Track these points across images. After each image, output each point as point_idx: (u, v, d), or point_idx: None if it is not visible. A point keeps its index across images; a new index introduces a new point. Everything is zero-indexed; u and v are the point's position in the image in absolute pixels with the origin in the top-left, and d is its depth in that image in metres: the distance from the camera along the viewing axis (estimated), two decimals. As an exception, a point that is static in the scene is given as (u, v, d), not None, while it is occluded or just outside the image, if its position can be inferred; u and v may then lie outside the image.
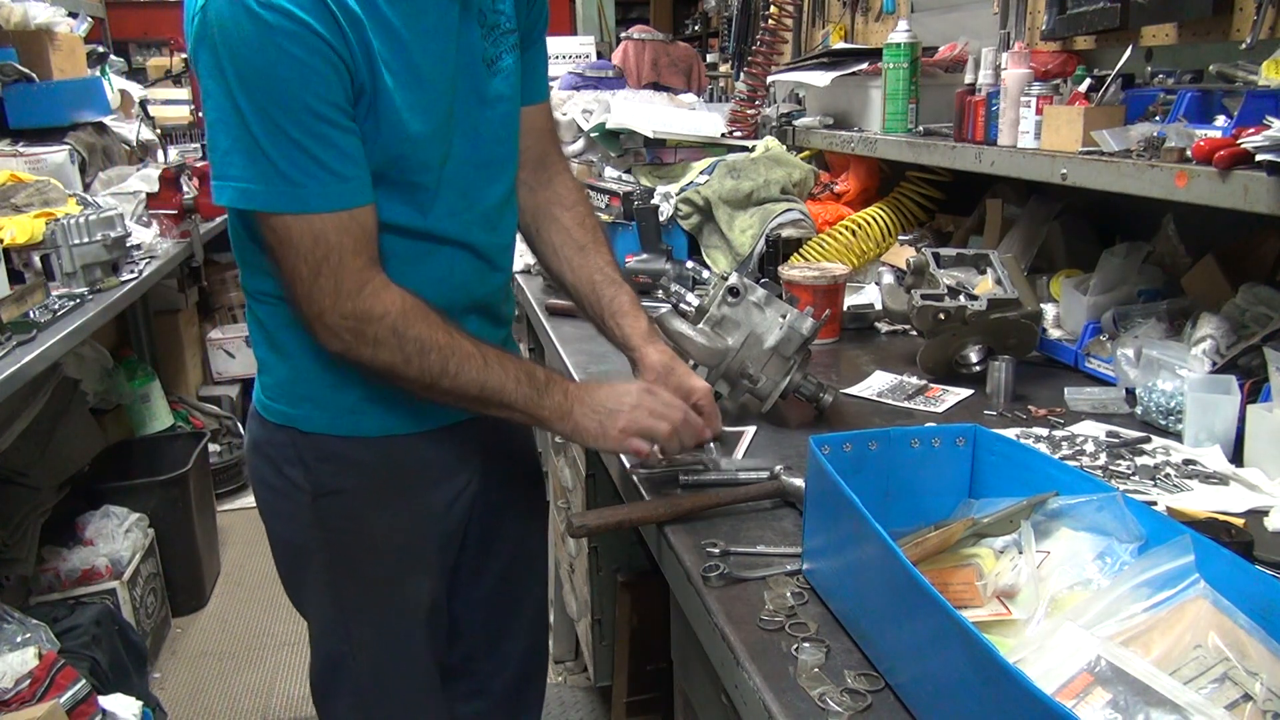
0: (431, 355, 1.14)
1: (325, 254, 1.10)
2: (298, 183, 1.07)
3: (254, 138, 1.06)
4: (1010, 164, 1.67)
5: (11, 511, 2.51)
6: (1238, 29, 1.50)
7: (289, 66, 1.04)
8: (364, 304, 1.12)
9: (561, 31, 5.82)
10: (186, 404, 3.93)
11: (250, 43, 1.02)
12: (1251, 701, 0.70)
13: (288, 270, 1.12)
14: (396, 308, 1.13)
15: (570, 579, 2.34)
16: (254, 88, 1.04)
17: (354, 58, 1.08)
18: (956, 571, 0.92)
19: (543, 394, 1.20)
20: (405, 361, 1.14)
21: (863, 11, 2.82)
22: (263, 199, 1.09)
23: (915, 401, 1.56)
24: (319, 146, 1.07)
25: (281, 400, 1.28)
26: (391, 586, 1.33)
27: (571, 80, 3.11)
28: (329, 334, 1.14)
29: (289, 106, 1.05)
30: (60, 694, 1.89)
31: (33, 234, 2.41)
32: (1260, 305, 1.40)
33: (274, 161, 1.06)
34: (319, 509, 1.28)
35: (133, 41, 5.69)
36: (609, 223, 2.37)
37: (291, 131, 1.06)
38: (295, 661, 2.85)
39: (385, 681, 1.35)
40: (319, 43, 1.05)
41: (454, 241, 1.25)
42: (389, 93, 1.12)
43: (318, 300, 1.12)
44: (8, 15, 3.22)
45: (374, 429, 1.27)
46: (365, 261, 1.13)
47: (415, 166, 1.18)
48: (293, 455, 1.27)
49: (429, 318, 1.15)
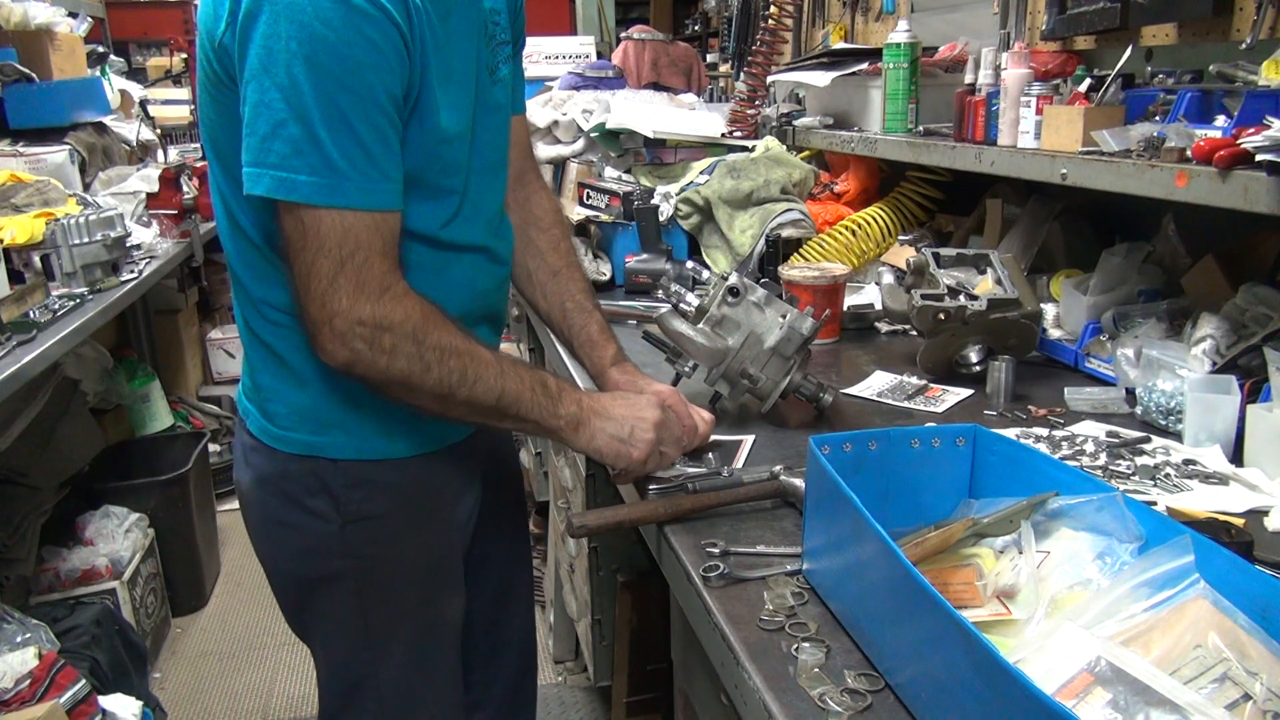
0: (451, 362, 1.10)
1: (352, 251, 1.04)
2: (346, 175, 1.02)
3: (309, 122, 1.00)
4: (1010, 164, 1.67)
5: (11, 511, 2.51)
6: (1238, 29, 1.50)
7: (365, 51, 0.99)
8: (384, 308, 1.06)
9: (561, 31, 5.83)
10: (186, 404, 3.93)
11: (328, 20, 0.97)
12: (1251, 701, 0.70)
13: (304, 266, 1.05)
14: (418, 314, 1.08)
15: (570, 579, 2.34)
16: (323, 68, 0.98)
17: (413, 53, 1.05)
18: (956, 571, 0.92)
19: (557, 404, 1.18)
20: (425, 370, 1.09)
21: (863, 11, 2.82)
22: (305, 190, 1.02)
23: (915, 401, 1.56)
24: (375, 140, 1.03)
25: (301, 429, 1.20)
26: (423, 605, 1.30)
27: (571, 80, 3.11)
28: (338, 341, 1.06)
29: (358, 93, 1.00)
30: (60, 694, 1.89)
31: (33, 234, 2.41)
32: (1260, 305, 1.40)
33: (327, 150, 1.01)
34: (347, 537, 1.22)
35: (133, 41, 5.69)
36: (609, 223, 2.37)
37: (354, 120, 1.01)
38: (295, 661, 2.85)
39: (415, 702, 1.32)
40: (394, 31, 1.01)
41: (473, 248, 1.23)
42: (432, 89, 1.09)
43: (333, 302, 1.04)
44: (8, 15, 3.22)
45: (405, 450, 1.23)
46: (390, 265, 1.08)
47: (447, 169, 1.16)
48: (316, 486, 1.20)
49: (447, 325, 1.11)
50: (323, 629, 1.31)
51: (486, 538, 1.42)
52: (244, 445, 1.27)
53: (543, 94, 3.07)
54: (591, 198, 2.43)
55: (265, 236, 1.13)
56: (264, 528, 1.28)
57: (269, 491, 1.24)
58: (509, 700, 1.57)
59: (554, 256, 1.44)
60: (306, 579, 1.27)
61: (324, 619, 1.29)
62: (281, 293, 1.14)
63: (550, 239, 1.44)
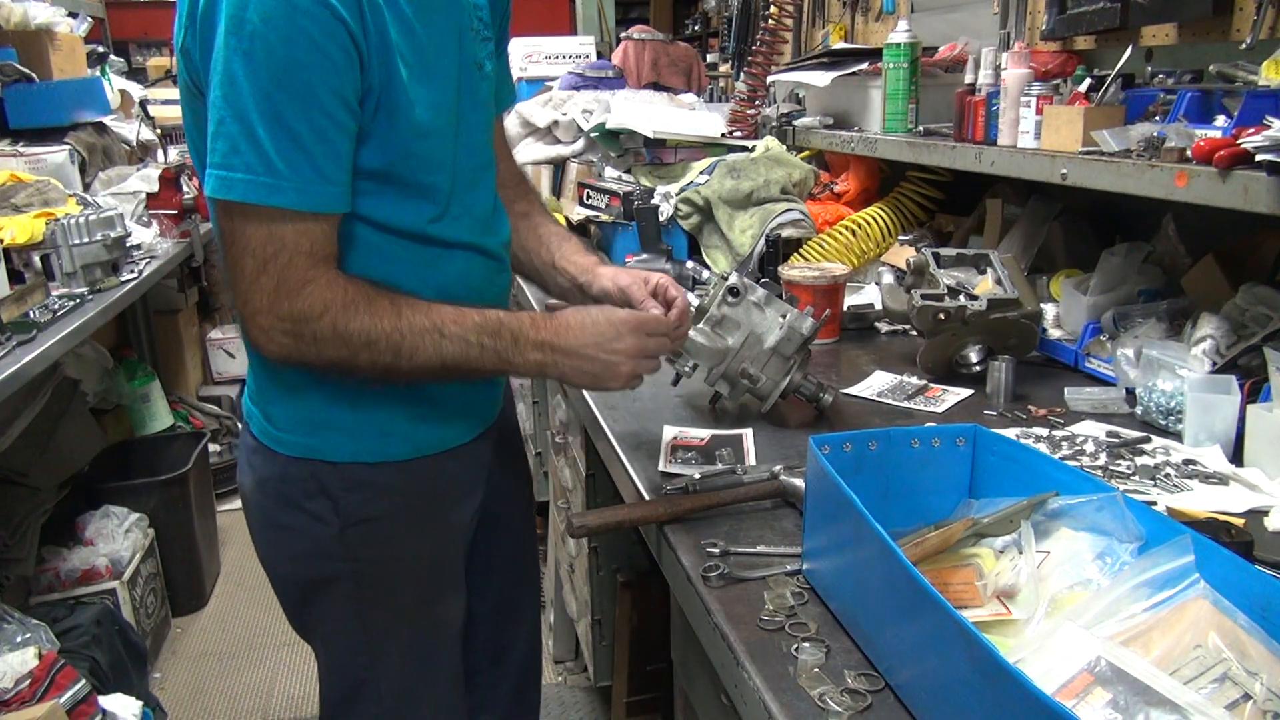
0: (380, 345, 1.08)
1: (275, 253, 1.04)
2: (281, 175, 1.01)
3: (247, 121, 0.99)
4: (1010, 164, 1.67)
5: (11, 511, 2.51)
6: (1238, 29, 1.50)
7: (306, 49, 0.98)
8: (302, 304, 1.06)
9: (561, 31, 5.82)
10: (186, 404, 3.93)
11: (269, 17, 0.97)
12: (1251, 701, 0.70)
13: (231, 262, 1.06)
14: (338, 302, 1.07)
15: (570, 579, 2.34)
16: (261, 66, 0.98)
17: (369, 51, 1.04)
18: (956, 571, 0.92)
19: (516, 352, 1.15)
20: (353, 356, 1.09)
21: (863, 11, 2.82)
22: (241, 189, 1.01)
23: (915, 401, 1.56)
24: (315, 141, 1.02)
25: (297, 431, 1.20)
26: (423, 607, 1.30)
27: (571, 80, 3.11)
28: (265, 337, 1.07)
29: (296, 92, 0.99)
30: (60, 694, 1.89)
31: (33, 234, 2.41)
32: (1260, 305, 1.40)
33: (264, 149, 1.00)
34: (347, 540, 1.22)
35: (133, 41, 5.69)
36: (609, 223, 2.37)
37: (291, 120, 1.00)
38: (295, 661, 2.85)
39: (413, 703, 1.32)
40: (340, 30, 1.00)
41: (465, 245, 1.22)
42: (402, 86, 1.07)
43: (254, 300, 1.05)
44: (8, 15, 3.22)
45: (404, 452, 1.22)
46: (316, 261, 1.07)
47: (427, 165, 1.15)
48: (314, 489, 1.20)
49: (374, 304, 1.09)
50: (323, 630, 1.31)
51: (491, 541, 1.42)
52: (247, 447, 1.28)
53: (543, 94, 3.07)
54: (591, 198, 2.43)
55: None
56: (264, 530, 1.27)
57: (269, 494, 1.24)
58: (513, 704, 1.57)
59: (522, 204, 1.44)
60: (306, 580, 1.27)
61: (324, 620, 1.29)
62: None
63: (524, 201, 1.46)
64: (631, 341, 1.20)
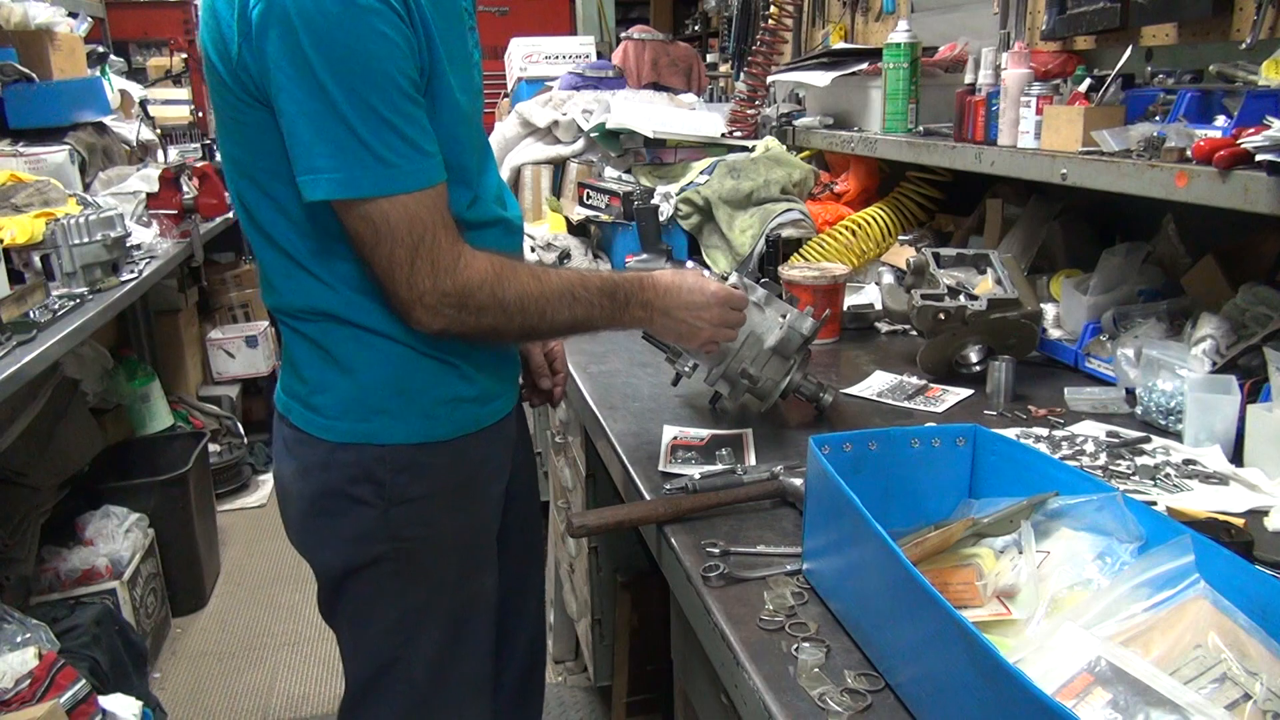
0: (530, 310, 1.19)
1: (421, 235, 1.11)
2: (392, 164, 1.07)
3: (345, 121, 1.05)
4: (1010, 164, 1.67)
5: (11, 511, 2.51)
6: (1238, 29, 1.50)
7: (377, 42, 1.04)
8: (462, 278, 1.14)
9: (561, 31, 5.82)
10: (186, 404, 3.93)
11: (337, 21, 1.02)
12: (1251, 701, 0.70)
13: (384, 258, 1.11)
14: (492, 273, 1.16)
15: (570, 579, 2.34)
16: (344, 68, 1.03)
17: (418, 36, 1.09)
18: (956, 571, 0.92)
19: (624, 311, 1.29)
20: (508, 320, 1.18)
21: (863, 11, 2.82)
22: (363, 184, 1.07)
23: (915, 401, 1.56)
24: (407, 124, 1.08)
25: (347, 417, 1.24)
26: (462, 581, 1.33)
27: (571, 80, 3.11)
28: (431, 315, 1.14)
29: (380, 84, 1.05)
30: (60, 694, 1.89)
31: (33, 234, 2.41)
32: (1260, 305, 1.40)
33: (367, 144, 1.06)
34: (390, 520, 1.25)
35: (133, 41, 5.68)
36: (609, 223, 2.37)
37: (383, 110, 1.06)
38: (295, 661, 2.85)
39: (444, 680, 1.34)
40: (397, 20, 1.05)
41: (492, 222, 1.27)
42: (444, 72, 1.13)
43: (419, 284, 1.12)
44: (8, 15, 3.22)
45: (447, 432, 1.27)
46: (453, 235, 1.14)
47: (465, 147, 1.20)
48: (360, 473, 1.24)
49: (518, 272, 1.19)
50: (356, 612, 1.33)
51: (508, 518, 1.44)
52: (285, 439, 1.30)
53: (543, 94, 3.07)
54: (591, 198, 2.43)
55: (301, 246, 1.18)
56: (306, 518, 1.30)
57: (312, 481, 1.27)
58: (521, 686, 1.59)
59: None
60: (348, 566, 1.30)
61: (358, 601, 1.31)
62: (321, 299, 1.19)
63: None
64: (717, 312, 1.34)
